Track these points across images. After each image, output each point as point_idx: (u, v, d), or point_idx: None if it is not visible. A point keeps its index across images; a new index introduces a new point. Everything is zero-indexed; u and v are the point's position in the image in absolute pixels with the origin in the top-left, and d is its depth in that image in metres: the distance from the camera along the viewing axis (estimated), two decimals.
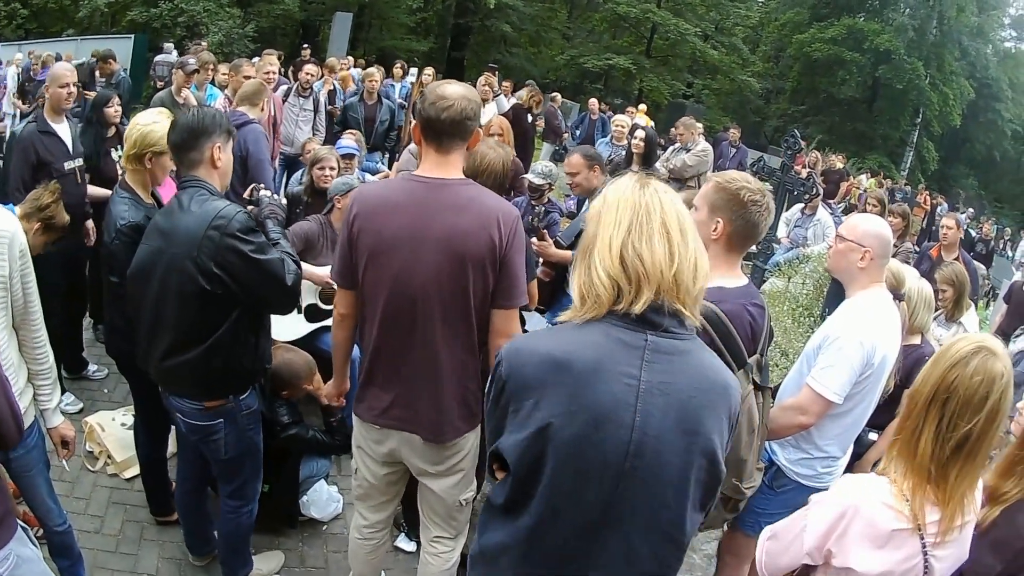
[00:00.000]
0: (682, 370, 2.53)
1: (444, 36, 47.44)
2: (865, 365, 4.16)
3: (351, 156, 8.83)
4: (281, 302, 4.27)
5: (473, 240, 3.62)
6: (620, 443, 2.47)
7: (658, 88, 45.43)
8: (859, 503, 2.66)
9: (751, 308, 3.84)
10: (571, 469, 2.51)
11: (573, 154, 7.31)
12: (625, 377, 2.47)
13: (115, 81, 13.89)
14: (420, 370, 3.83)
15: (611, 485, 2.52)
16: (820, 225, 13.29)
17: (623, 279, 2.48)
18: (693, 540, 6.19)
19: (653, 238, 2.50)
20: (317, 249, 6.74)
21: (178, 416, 4.46)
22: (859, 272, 4.33)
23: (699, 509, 2.69)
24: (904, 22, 46.24)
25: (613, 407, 2.46)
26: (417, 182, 3.72)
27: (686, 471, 2.56)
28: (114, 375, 7.25)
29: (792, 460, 4.52)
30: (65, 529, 4.45)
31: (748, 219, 3.84)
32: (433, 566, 4.41)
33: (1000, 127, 52.07)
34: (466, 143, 3.80)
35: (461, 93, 3.69)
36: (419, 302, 3.69)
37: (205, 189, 4.11)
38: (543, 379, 2.51)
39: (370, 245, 3.70)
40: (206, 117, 4.17)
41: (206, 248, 3.90)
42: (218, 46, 26.95)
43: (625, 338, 2.49)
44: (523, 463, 2.57)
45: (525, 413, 2.54)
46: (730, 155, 18.07)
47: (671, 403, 2.50)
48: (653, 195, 2.58)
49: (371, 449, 4.19)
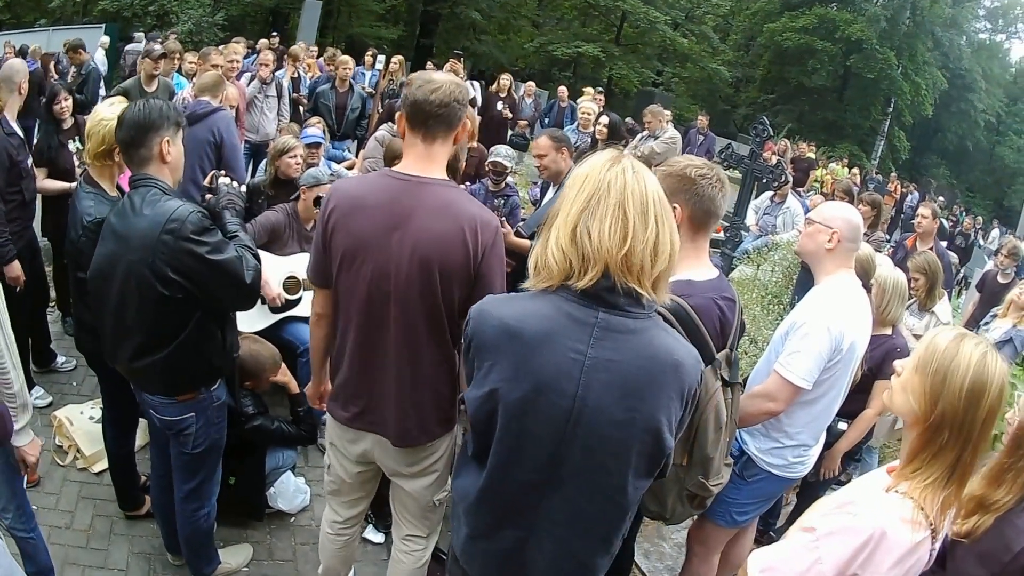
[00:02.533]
0: (630, 348, 2.62)
1: (413, 23, 47.13)
2: (833, 351, 4.16)
3: (316, 145, 8.78)
4: (241, 300, 4.23)
5: (445, 247, 3.51)
6: (562, 411, 2.61)
7: (627, 76, 45.47)
8: (884, 527, 2.59)
9: (720, 302, 3.79)
10: (516, 430, 2.68)
11: (541, 136, 7.30)
12: (572, 351, 2.59)
13: (85, 71, 13.75)
14: (391, 374, 3.74)
15: (553, 448, 2.67)
16: (789, 213, 13.32)
17: (574, 255, 2.58)
18: (663, 529, 6.33)
19: (606, 218, 2.56)
20: (283, 240, 6.70)
21: (151, 412, 4.41)
22: (826, 255, 4.34)
23: (644, 476, 2.80)
24: (877, 12, 46.47)
25: (555, 377, 2.59)
26: (396, 180, 3.60)
27: (627, 443, 2.66)
28: (82, 368, 7.20)
29: (763, 449, 4.52)
30: (28, 537, 4.38)
31: (702, 194, 3.77)
32: (405, 564, 4.37)
33: (973, 117, 52.62)
34: (452, 132, 3.68)
35: (450, 79, 3.63)
36: (392, 305, 3.60)
37: (157, 188, 4.00)
38: (498, 344, 2.66)
39: (344, 245, 3.60)
40: (152, 111, 4.02)
41: (161, 253, 3.82)
42: (188, 35, 26.79)
43: (576, 313, 2.60)
44: (479, 417, 2.76)
45: (483, 373, 2.71)
46: (698, 142, 18.13)
47: (614, 379, 2.60)
48: (619, 174, 2.62)
49: (344, 448, 4.12)
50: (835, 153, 39.87)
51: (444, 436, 4.01)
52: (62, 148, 7.42)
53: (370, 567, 5.52)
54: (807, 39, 46.61)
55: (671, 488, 3.85)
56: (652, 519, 4.20)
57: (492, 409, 2.69)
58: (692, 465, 3.77)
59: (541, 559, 2.86)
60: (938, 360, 2.66)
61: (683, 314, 3.58)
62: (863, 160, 43.58)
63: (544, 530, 2.81)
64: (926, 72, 47.44)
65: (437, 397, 3.85)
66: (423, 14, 45.65)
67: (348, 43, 34.28)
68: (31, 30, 27.37)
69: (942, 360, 2.65)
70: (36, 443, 4.15)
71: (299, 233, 6.88)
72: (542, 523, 2.80)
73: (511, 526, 2.85)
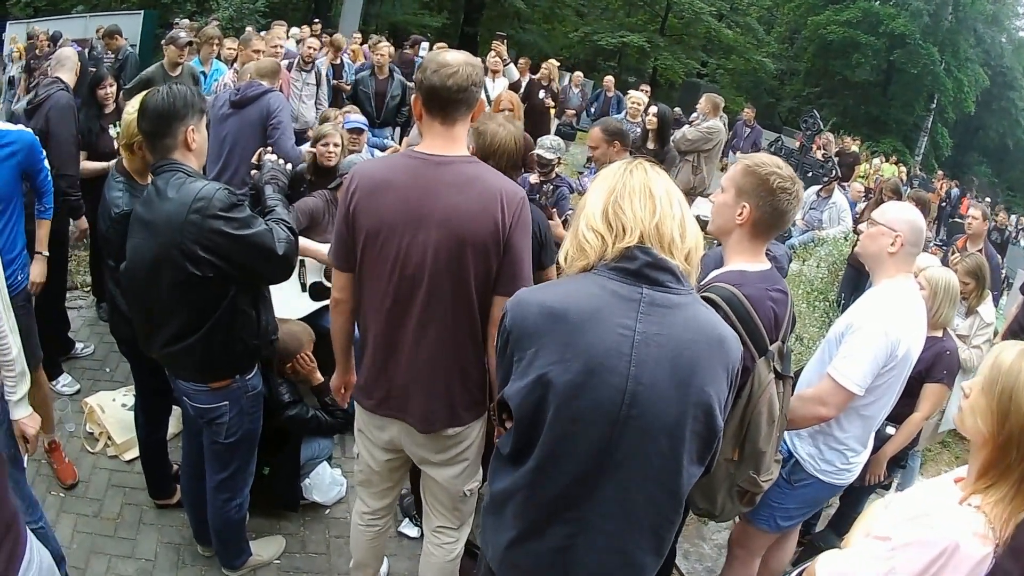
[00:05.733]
0: (676, 323, 2.59)
1: (457, 11, 47.11)
2: (889, 357, 4.02)
3: (360, 131, 8.66)
4: (275, 273, 4.13)
5: (474, 222, 3.45)
6: (615, 391, 2.55)
7: (672, 67, 45.29)
8: (959, 541, 2.54)
9: (773, 294, 3.70)
10: (568, 416, 2.59)
11: (594, 128, 7.22)
12: (620, 328, 2.55)
13: (122, 57, 13.72)
14: (418, 357, 3.67)
15: (607, 432, 2.59)
16: (836, 208, 13.25)
17: (606, 231, 2.64)
18: (704, 530, 6.23)
19: (634, 197, 2.64)
20: (322, 226, 6.64)
21: (184, 399, 4.37)
22: (888, 258, 4.19)
23: (696, 462, 2.74)
24: (919, 7, 45.93)
25: (606, 355, 2.54)
26: (418, 159, 3.53)
27: (681, 421, 2.61)
28: (115, 354, 7.16)
29: (812, 454, 4.41)
30: (38, 528, 4.20)
31: (776, 207, 3.68)
32: (436, 556, 4.31)
33: (1014, 116, 51.99)
34: (471, 112, 3.62)
35: (463, 59, 3.53)
36: (418, 286, 3.53)
37: (181, 171, 3.94)
38: (541, 329, 2.60)
39: (367, 226, 3.54)
40: (176, 98, 3.95)
41: (190, 233, 3.75)
42: (228, 21, 26.77)
43: (621, 291, 2.58)
44: (525, 410, 2.66)
45: (527, 362, 2.63)
46: (744, 134, 18.10)
47: (664, 354, 2.56)
48: (637, 168, 2.73)
49: (372, 435, 4.07)
50: (879, 148, 39.56)
51: (474, 423, 3.94)
52: (103, 132, 7.48)
53: (405, 562, 5.46)
54: (851, 33, 46.17)
55: (721, 484, 3.75)
56: (700, 516, 4.10)
57: (540, 398, 2.60)
58: (744, 460, 3.69)
59: (589, 558, 2.78)
60: (1003, 380, 2.60)
61: (736, 303, 3.53)
62: (906, 157, 43.19)
63: (595, 525, 2.73)
64: (968, 69, 46.97)
65: (464, 379, 3.79)
66: (467, 2, 45.76)
67: (391, 31, 34.21)
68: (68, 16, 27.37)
69: (1007, 379, 2.60)
70: (35, 417, 4.07)
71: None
72: (593, 517, 2.72)
73: (561, 522, 2.77)
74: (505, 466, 2.87)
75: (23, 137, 5.12)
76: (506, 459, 2.86)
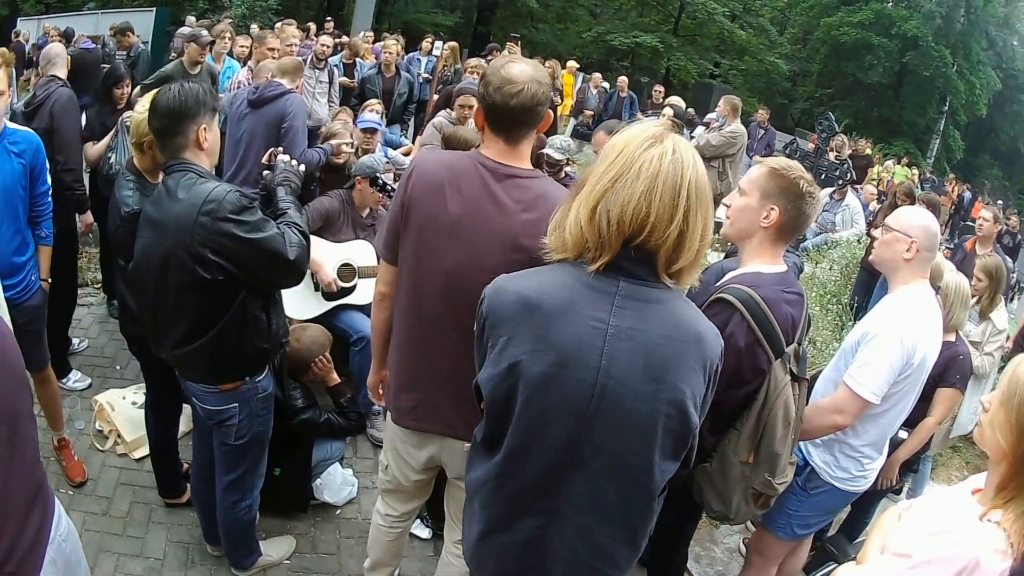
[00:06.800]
0: (653, 318, 2.56)
1: (470, 10, 47.14)
2: (905, 364, 4.02)
3: (373, 130, 8.62)
4: (286, 278, 4.09)
5: (535, 239, 3.20)
6: (585, 384, 2.53)
7: (685, 67, 45.36)
8: (979, 557, 2.53)
9: (789, 296, 3.67)
10: (537, 407, 2.58)
11: (598, 131, 7.19)
12: (593, 320, 2.53)
13: (134, 54, 13.73)
14: (455, 365, 3.54)
15: (576, 425, 2.58)
16: (849, 211, 13.24)
17: (591, 235, 2.53)
18: (715, 534, 6.20)
19: (629, 203, 2.47)
20: (337, 226, 6.63)
21: (194, 400, 4.35)
22: (904, 264, 4.19)
23: (671, 458, 2.71)
24: (932, 9, 45.81)
25: (578, 348, 2.52)
26: (485, 167, 3.41)
27: (652, 417, 2.58)
28: (125, 352, 7.10)
29: (828, 462, 4.40)
30: None
31: (802, 210, 3.70)
32: (456, 567, 4.22)
33: None
34: (535, 128, 3.48)
35: (530, 75, 3.32)
36: (464, 295, 3.33)
37: (193, 172, 3.88)
38: (515, 317, 2.59)
39: (421, 226, 3.44)
40: (188, 96, 3.88)
41: (199, 236, 3.70)
42: (241, 19, 26.78)
43: (596, 283, 2.55)
44: (495, 398, 2.66)
45: (499, 349, 2.62)
46: (758, 136, 18.05)
47: (637, 349, 2.53)
48: (656, 158, 2.50)
49: (408, 454, 3.96)
50: (891, 151, 39.51)
51: None
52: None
53: (415, 563, 5.43)
54: (864, 34, 46.05)
55: (736, 486, 3.74)
56: (714, 519, 4.08)
57: (511, 387, 2.60)
58: (759, 462, 3.67)
59: (561, 549, 2.77)
60: (1021, 393, 2.58)
61: (753, 304, 3.51)
62: (918, 159, 43.12)
63: (565, 517, 2.72)
64: (980, 71, 46.80)
65: None
66: (480, 1, 45.73)
67: (404, 29, 34.16)
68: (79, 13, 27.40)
69: None
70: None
71: (353, 219, 6.86)
72: (563, 509, 2.71)
73: (530, 515, 2.76)
74: (479, 454, 2.88)
75: (29, 138, 5.11)
76: (480, 447, 2.88)
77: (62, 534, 2.83)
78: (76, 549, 3.00)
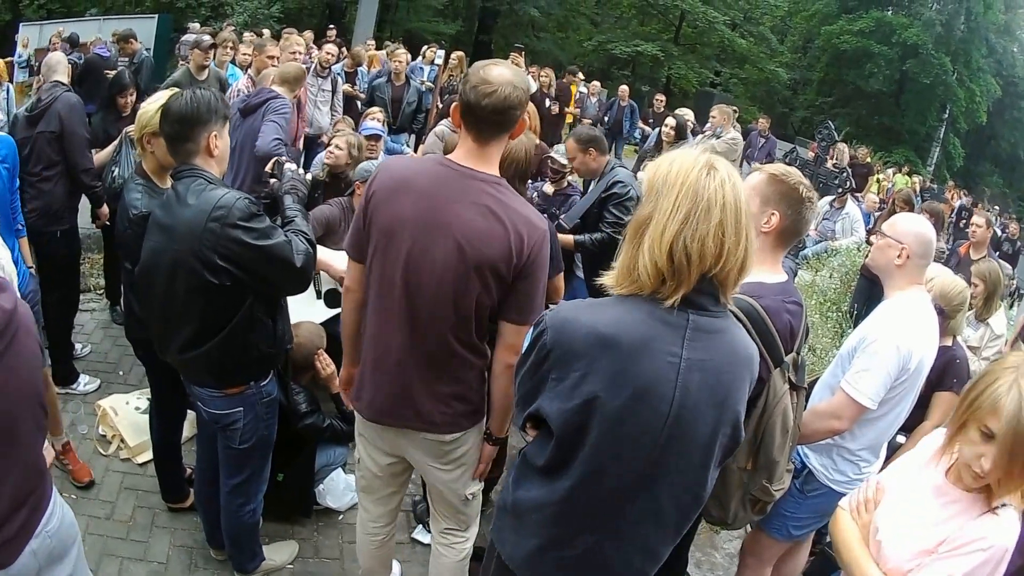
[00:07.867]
0: (718, 347, 2.66)
1: (472, 19, 47.06)
2: (901, 370, 4.05)
3: (376, 138, 8.66)
4: (292, 285, 4.13)
5: (489, 246, 3.37)
6: (660, 415, 2.61)
7: (686, 76, 45.47)
8: (1008, 545, 2.71)
9: (790, 306, 3.75)
10: (614, 437, 2.64)
11: (568, 139, 7.32)
12: (668, 355, 2.58)
13: (137, 61, 13.74)
14: (417, 361, 3.63)
15: (649, 452, 2.66)
16: (848, 219, 13.23)
17: (668, 272, 2.53)
18: (716, 538, 6.26)
19: (708, 237, 2.51)
20: (338, 234, 6.63)
21: (199, 404, 4.38)
22: (897, 271, 4.23)
23: (718, 466, 2.88)
24: (932, 17, 45.90)
25: (655, 382, 2.58)
26: (447, 168, 3.46)
27: (713, 437, 2.72)
28: (129, 356, 7.14)
29: (825, 465, 4.43)
30: None
31: (802, 216, 3.78)
32: (446, 558, 4.33)
33: None
34: (507, 134, 3.52)
35: (507, 78, 3.34)
36: (421, 294, 3.47)
37: (203, 178, 3.92)
38: (590, 352, 2.59)
39: (383, 224, 3.49)
40: (200, 103, 3.93)
41: (208, 241, 3.74)
42: (243, 27, 26.76)
43: (668, 317, 2.59)
44: (567, 430, 2.69)
45: (571, 383, 2.64)
46: (759, 145, 18.09)
47: (707, 379, 2.63)
48: (719, 187, 2.54)
49: (373, 439, 4.06)
50: (891, 159, 39.47)
51: (471, 429, 3.91)
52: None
53: (418, 568, 5.46)
54: (864, 42, 46.13)
55: (735, 492, 3.82)
56: (713, 524, 4.13)
57: (585, 421, 2.64)
58: (758, 469, 3.76)
59: (617, 561, 2.87)
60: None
61: (755, 315, 3.58)
62: (919, 167, 43.09)
63: (624, 531, 2.82)
64: (980, 79, 46.89)
65: (465, 389, 3.77)
66: (482, 10, 45.66)
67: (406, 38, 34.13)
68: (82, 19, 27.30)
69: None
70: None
71: None
72: (621, 525, 2.81)
73: (588, 531, 2.83)
74: (535, 477, 2.91)
75: (7, 142, 5.20)
76: (537, 470, 2.89)
77: (50, 529, 2.92)
78: (62, 544, 3.08)
